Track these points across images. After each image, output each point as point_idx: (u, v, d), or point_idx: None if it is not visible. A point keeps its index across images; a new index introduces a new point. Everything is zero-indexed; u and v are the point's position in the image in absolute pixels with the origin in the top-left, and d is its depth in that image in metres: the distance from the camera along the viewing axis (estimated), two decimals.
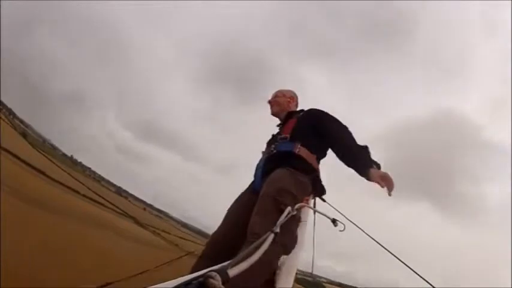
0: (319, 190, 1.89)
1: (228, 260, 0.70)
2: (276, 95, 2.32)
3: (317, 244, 1.78)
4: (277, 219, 1.29)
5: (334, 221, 1.62)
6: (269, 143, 2.11)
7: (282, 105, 2.27)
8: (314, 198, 1.90)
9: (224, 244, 1.68)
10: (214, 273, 0.53)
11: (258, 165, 1.99)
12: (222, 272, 0.55)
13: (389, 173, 1.60)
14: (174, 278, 0.77)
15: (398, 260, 1.45)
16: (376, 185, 1.60)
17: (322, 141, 1.93)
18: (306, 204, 1.70)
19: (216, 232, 1.78)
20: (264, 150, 2.10)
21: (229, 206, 1.91)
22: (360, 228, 1.65)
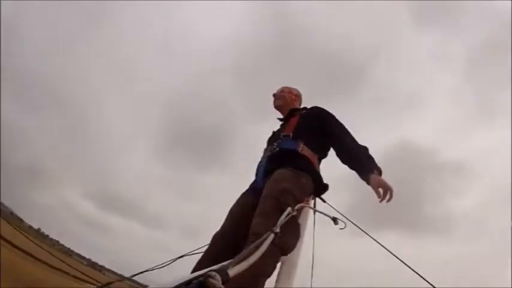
0: (320, 190, 1.88)
1: (229, 260, 0.70)
2: (282, 90, 2.31)
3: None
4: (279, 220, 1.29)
5: (334, 220, 1.62)
6: (270, 140, 2.09)
7: (287, 100, 2.25)
8: (314, 198, 1.89)
9: (225, 244, 1.67)
10: (214, 273, 0.53)
11: (259, 163, 1.98)
12: (222, 272, 0.56)
13: (387, 183, 1.60)
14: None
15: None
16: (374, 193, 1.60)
17: (324, 140, 1.92)
18: (306, 205, 1.69)
19: (217, 232, 1.78)
20: (265, 148, 2.08)
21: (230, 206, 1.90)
22: (359, 228, 1.65)
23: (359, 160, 1.76)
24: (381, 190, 1.58)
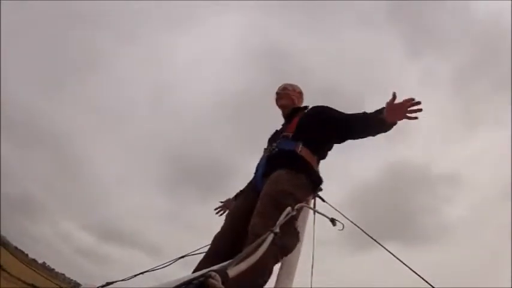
0: (318, 191, 1.88)
1: (229, 260, 0.71)
2: (286, 88, 2.24)
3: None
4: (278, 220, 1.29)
5: (333, 221, 1.62)
6: (271, 140, 2.08)
7: (291, 98, 2.20)
8: (314, 198, 1.89)
9: (225, 244, 1.68)
10: (214, 273, 0.53)
11: (258, 164, 1.97)
12: (222, 272, 0.56)
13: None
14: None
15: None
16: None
17: (325, 140, 1.92)
18: (305, 205, 1.70)
19: (218, 233, 1.78)
20: (265, 147, 2.07)
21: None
22: (359, 228, 1.65)
23: (366, 118, 1.76)
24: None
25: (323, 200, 1.90)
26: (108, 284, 1.55)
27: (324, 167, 1.94)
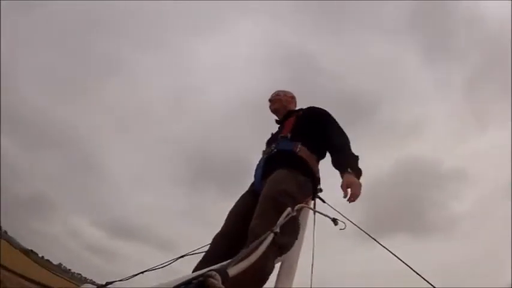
0: (318, 191, 1.88)
1: (229, 259, 0.71)
2: (278, 94, 2.33)
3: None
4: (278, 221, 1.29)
5: (334, 220, 1.62)
6: (269, 142, 2.10)
7: (283, 102, 2.27)
8: (314, 199, 1.89)
9: (225, 244, 1.68)
10: (214, 273, 0.53)
11: (258, 165, 1.98)
12: (222, 272, 0.56)
13: (358, 184, 1.62)
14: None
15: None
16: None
17: (321, 141, 1.93)
18: (305, 205, 1.70)
19: (217, 234, 1.78)
20: (264, 149, 2.08)
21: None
22: (360, 228, 1.65)
23: (341, 158, 1.78)
24: (349, 190, 1.60)
25: (323, 201, 1.90)
26: (107, 283, 1.54)
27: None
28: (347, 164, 1.70)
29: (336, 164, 1.80)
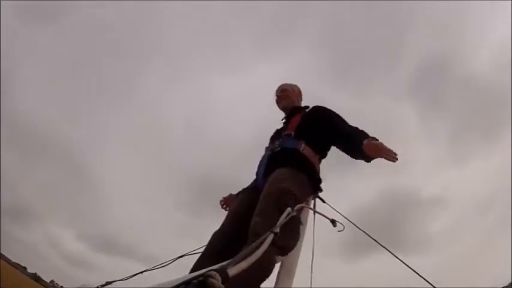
0: (318, 191, 1.87)
1: (229, 259, 0.70)
2: (285, 89, 2.26)
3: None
4: (278, 220, 1.28)
5: (333, 222, 1.61)
6: (273, 139, 2.08)
7: (291, 99, 2.23)
8: (314, 198, 1.89)
9: (224, 243, 1.67)
10: (214, 273, 0.53)
11: (260, 162, 1.97)
12: (222, 271, 0.56)
13: (381, 143, 1.59)
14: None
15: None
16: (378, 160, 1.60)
17: (325, 140, 1.92)
18: (306, 205, 1.69)
19: (216, 231, 1.77)
20: (267, 146, 2.07)
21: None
22: (359, 229, 1.64)
23: (353, 137, 1.76)
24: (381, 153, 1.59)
25: (323, 201, 1.89)
26: (107, 283, 1.54)
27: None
28: (362, 137, 1.70)
29: (352, 145, 1.78)
